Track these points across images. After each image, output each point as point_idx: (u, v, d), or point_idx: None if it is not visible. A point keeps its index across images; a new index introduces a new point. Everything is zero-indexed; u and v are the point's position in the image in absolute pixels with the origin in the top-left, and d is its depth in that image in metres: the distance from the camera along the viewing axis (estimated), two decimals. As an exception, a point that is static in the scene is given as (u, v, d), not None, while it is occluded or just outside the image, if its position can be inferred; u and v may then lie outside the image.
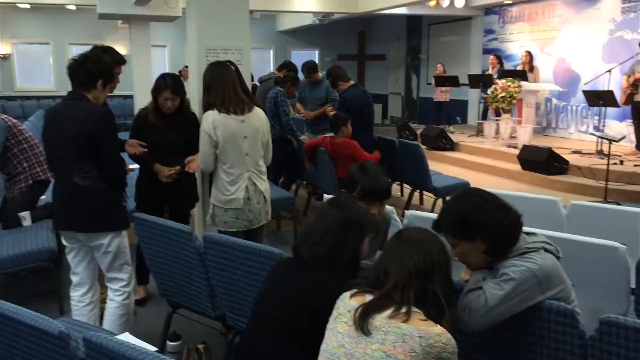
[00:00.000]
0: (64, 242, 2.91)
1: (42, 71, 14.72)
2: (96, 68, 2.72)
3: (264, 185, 3.29)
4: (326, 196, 3.18)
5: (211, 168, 3.17)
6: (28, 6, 12.98)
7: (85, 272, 2.93)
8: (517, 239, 1.82)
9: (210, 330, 3.23)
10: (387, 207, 2.50)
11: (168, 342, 2.93)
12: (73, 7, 12.61)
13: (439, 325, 1.49)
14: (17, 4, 12.41)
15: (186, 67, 10.89)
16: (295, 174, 5.98)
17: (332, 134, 5.13)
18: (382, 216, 2.40)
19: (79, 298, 2.94)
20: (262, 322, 1.85)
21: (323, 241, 1.83)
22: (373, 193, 2.21)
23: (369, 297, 1.57)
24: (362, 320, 1.50)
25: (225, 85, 3.12)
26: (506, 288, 1.72)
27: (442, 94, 11.11)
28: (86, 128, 2.62)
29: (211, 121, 3.07)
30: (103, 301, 3.26)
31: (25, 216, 4.08)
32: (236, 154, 3.13)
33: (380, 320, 1.49)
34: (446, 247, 1.71)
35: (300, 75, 6.19)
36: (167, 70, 10.96)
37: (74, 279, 2.94)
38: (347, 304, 1.58)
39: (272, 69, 15.24)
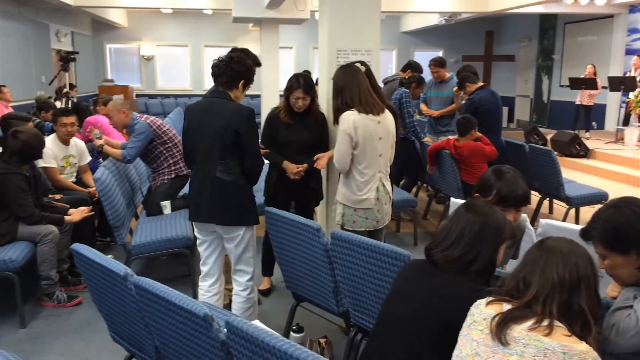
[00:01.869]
0: (197, 234, 3.08)
1: (180, 72, 15.89)
2: (240, 69, 2.86)
3: (389, 186, 3.29)
4: (453, 200, 3.10)
5: (347, 168, 3.17)
6: (170, 11, 14.07)
7: (215, 264, 3.09)
8: None
9: (331, 325, 3.29)
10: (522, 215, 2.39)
11: (292, 333, 3.04)
12: (210, 12, 13.45)
13: (584, 343, 1.40)
14: (161, 9, 13.51)
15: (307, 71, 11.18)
16: (417, 176, 5.91)
17: (456, 136, 5.01)
18: (516, 224, 2.30)
19: (207, 288, 3.11)
20: (391, 325, 1.84)
21: (458, 245, 1.78)
22: (510, 199, 2.11)
23: (506, 307, 1.51)
24: (500, 330, 1.44)
25: (360, 87, 3.14)
26: None
27: (588, 98, 10.25)
28: (232, 125, 2.76)
29: (352, 121, 3.08)
30: (231, 290, 3.45)
31: (166, 205, 4.43)
32: (372, 155, 3.14)
33: (520, 331, 1.43)
34: (593, 260, 1.60)
35: (425, 75, 6.09)
36: (293, 72, 11.31)
37: (204, 269, 3.11)
38: (483, 311, 1.53)
39: (394, 70, 15.21)
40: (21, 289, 3.48)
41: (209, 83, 15.55)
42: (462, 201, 2.15)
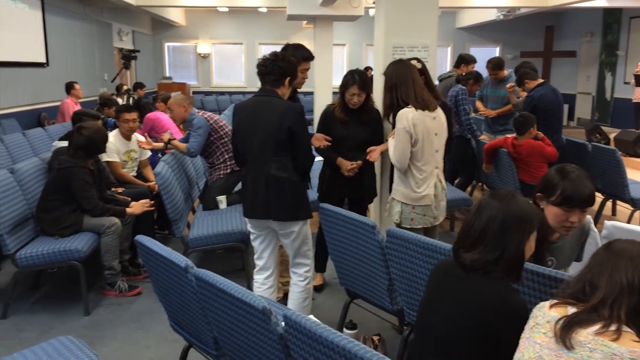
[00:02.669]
0: (250, 229, 3.13)
1: (235, 69, 16.17)
2: (286, 66, 2.90)
3: (444, 181, 3.26)
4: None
5: (406, 165, 3.13)
6: (226, 9, 14.36)
7: (269, 258, 3.13)
8: None
9: (384, 323, 3.28)
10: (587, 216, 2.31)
11: (345, 329, 3.05)
12: (264, 10, 13.63)
13: (655, 350, 1.34)
14: (218, 8, 13.78)
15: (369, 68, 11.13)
16: (472, 174, 5.80)
17: (514, 135, 4.88)
18: (580, 225, 2.22)
19: (262, 281, 3.16)
20: (427, 334, 1.82)
21: (482, 241, 1.71)
22: (575, 200, 2.04)
23: (571, 310, 1.46)
24: (565, 334, 1.40)
25: (415, 83, 3.12)
26: None
27: None
28: (286, 122, 2.80)
29: (410, 118, 3.05)
30: (285, 284, 3.49)
31: (222, 200, 4.53)
32: (429, 151, 3.11)
33: (586, 335, 1.39)
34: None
35: (481, 71, 5.95)
36: (346, 69, 11.32)
37: (259, 263, 3.16)
38: (547, 314, 1.49)
39: (448, 67, 14.96)
40: (86, 278, 3.63)
41: (263, 80, 15.87)
42: None
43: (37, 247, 3.58)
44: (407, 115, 3.06)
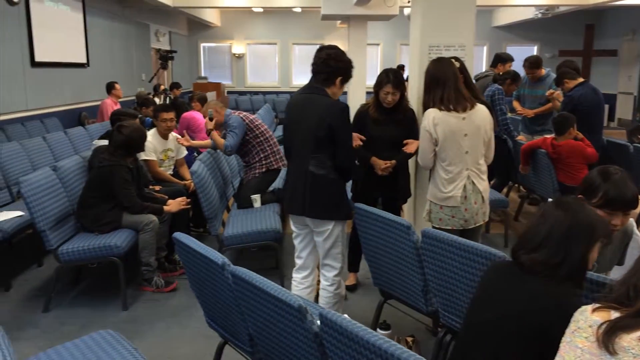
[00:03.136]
0: (292, 228, 3.15)
1: (269, 69, 16.29)
2: (338, 66, 2.90)
3: (483, 185, 3.18)
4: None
5: (430, 165, 3.16)
6: (261, 10, 14.47)
7: (309, 257, 3.14)
8: None
9: (418, 324, 3.26)
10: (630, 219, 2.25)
11: (378, 330, 3.04)
12: (299, 10, 13.69)
13: (702, 357, 1.30)
14: (252, 8, 13.91)
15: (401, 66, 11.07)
16: (508, 175, 5.71)
17: (553, 135, 4.78)
18: (623, 228, 2.16)
19: (300, 280, 3.17)
20: (476, 332, 1.80)
21: (545, 245, 1.70)
22: (617, 202, 1.99)
23: (614, 314, 1.43)
24: (608, 338, 1.37)
25: (446, 83, 3.08)
26: None
27: None
28: (326, 120, 2.81)
29: (432, 119, 3.05)
30: (318, 283, 3.50)
31: (257, 198, 4.57)
32: (455, 152, 3.08)
33: (629, 341, 1.35)
34: None
35: (518, 70, 5.85)
36: (380, 68, 11.26)
37: (298, 262, 3.18)
38: (589, 318, 1.46)
39: (484, 66, 14.74)
40: (124, 274, 3.72)
41: (296, 80, 15.96)
42: None
43: (78, 243, 3.68)
44: (429, 115, 3.07)
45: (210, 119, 4.68)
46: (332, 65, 2.88)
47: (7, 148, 5.15)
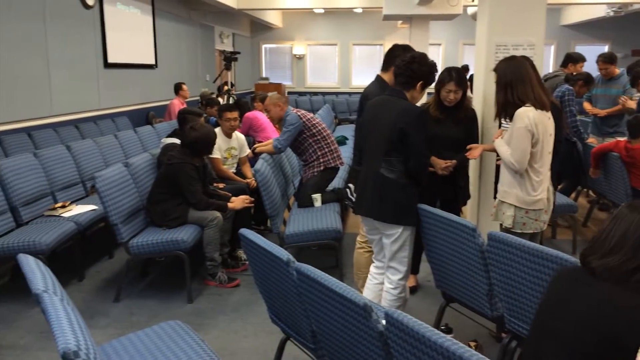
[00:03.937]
0: (365, 233, 3.17)
1: (328, 70, 16.36)
2: (419, 70, 2.87)
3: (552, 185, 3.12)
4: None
5: (525, 167, 2.96)
6: (322, 11, 14.55)
7: (383, 260, 3.13)
8: None
9: (480, 329, 3.19)
10: None
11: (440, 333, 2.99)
12: (359, 10, 13.68)
13: None
14: (314, 10, 14.02)
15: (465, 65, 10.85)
16: (577, 179, 5.50)
17: (626, 138, 4.57)
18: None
19: (375, 273, 3.18)
20: (545, 339, 1.74)
21: (618, 250, 1.62)
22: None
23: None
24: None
25: (532, 80, 2.96)
26: None
27: None
28: (399, 123, 2.78)
29: (532, 117, 2.89)
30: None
31: (317, 198, 4.61)
32: (546, 152, 2.98)
33: None
34: None
35: (588, 69, 5.62)
36: (441, 68, 11.09)
37: (376, 263, 3.19)
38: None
39: (552, 66, 14.25)
40: (190, 268, 3.83)
41: (356, 80, 15.94)
42: None
43: (147, 237, 3.83)
44: (528, 114, 2.90)
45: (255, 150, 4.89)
46: (414, 69, 2.86)
47: (81, 145, 5.42)
